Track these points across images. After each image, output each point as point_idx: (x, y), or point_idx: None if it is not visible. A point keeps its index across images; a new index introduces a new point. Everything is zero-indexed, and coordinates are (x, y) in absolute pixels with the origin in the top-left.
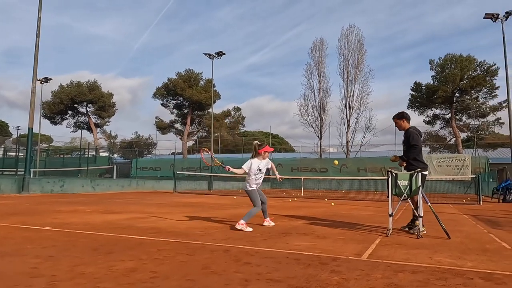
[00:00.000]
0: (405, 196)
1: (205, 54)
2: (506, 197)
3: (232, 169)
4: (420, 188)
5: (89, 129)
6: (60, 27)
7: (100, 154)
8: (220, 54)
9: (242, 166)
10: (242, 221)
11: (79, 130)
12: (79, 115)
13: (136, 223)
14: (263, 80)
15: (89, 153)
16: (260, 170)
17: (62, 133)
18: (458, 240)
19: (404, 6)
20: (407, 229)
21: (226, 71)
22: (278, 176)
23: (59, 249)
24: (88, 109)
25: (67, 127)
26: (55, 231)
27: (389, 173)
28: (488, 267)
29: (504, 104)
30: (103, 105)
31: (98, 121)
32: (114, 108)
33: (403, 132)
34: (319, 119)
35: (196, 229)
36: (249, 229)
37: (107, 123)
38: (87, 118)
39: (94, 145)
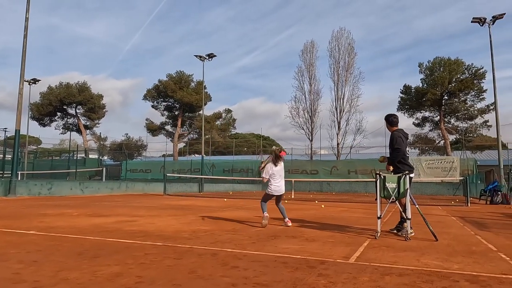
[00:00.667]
0: (393, 199)
1: (196, 56)
2: (493, 199)
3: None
4: (408, 190)
5: (79, 131)
6: (49, 28)
7: (90, 156)
8: (211, 56)
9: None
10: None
11: (68, 132)
12: (68, 116)
13: (123, 226)
14: (254, 82)
15: (79, 155)
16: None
17: (51, 135)
18: (446, 242)
19: (393, 9)
20: (395, 231)
21: (217, 73)
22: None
23: (43, 253)
24: (78, 111)
25: (56, 128)
26: (40, 235)
27: (378, 175)
28: (474, 269)
29: (491, 107)
30: (93, 107)
31: (88, 123)
32: (104, 110)
33: None
34: (310, 121)
35: (185, 232)
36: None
37: (97, 125)
38: (76, 120)
39: (84, 147)
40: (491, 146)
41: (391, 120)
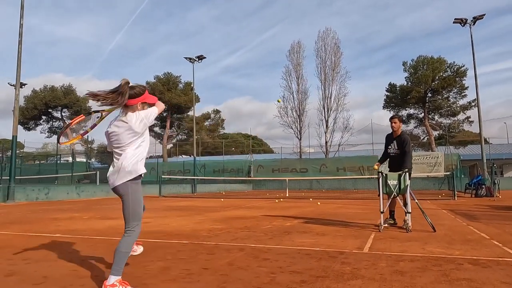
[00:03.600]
0: (395, 194)
1: (186, 58)
2: (478, 192)
3: None
4: (408, 186)
5: (65, 134)
6: (29, 29)
7: (77, 159)
8: (200, 58)
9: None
10: (113, 278)
11: (54, 136)
12: (54, 120)
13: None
14: (239, 82)
15: (65, 159)
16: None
17: (34, 139)
18: (443, 232)
19: (376, 8)
20: (386, 225)
21: (202, 72)
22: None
23: (84, 253)
24: (63, 114)
25: (41, 132)
26: (68, 238)
27: (380, 173)
28: (473, 254)
29: (473, 103)
30: (79, 110)
31: (74, 126)
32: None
33: (383, 131)
34: (298, 120)
35: (202, 231)
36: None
37: (83, 128)
38: (62, 123)
39: (71, 151)
40: (473, 141)
41: (403, 120)
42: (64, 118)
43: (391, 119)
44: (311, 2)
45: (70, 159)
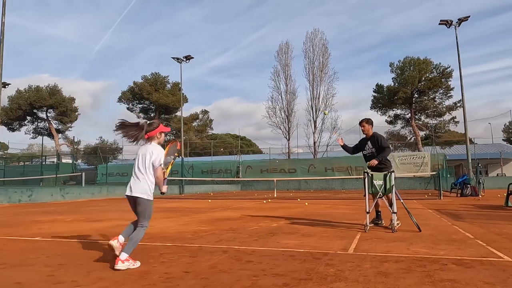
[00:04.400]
0: (380, 195)
1: (174, 58)
2: (463, 192)
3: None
4: (394, 186)
5: (50, 135)
6: (14, 28)
7: (63, 161)
8: (188, 58)
9: (161, 161)
10: (125, 255)
11: (39, 136)
12: (39, 120)
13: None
14: (228, 82)
15: (51, 160)
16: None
17: (18, 140)
18: (428, 232)
19: (364, 9)
20: (372, 224)
21: (191, 73)
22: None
23: (64, 257)
24: (49, 114)
25: (26, 133)
26: (49, 241)
27: (366, 173)
28: (457, 254)
29: (458, 104)
30: (65, 110)
31: (60, 127)
32: (76, 113)
33: (364, 135)
34: (286, 121)
35: (187, 233)
36: (138, 264)
37: (69, 129)
38: (47, 124)
39: (56, 152)
40: (459, 141)
41: (372, 122)
42: (50, 119)
43: (360, 123)
44: (299, 3)
45: (56, 160)
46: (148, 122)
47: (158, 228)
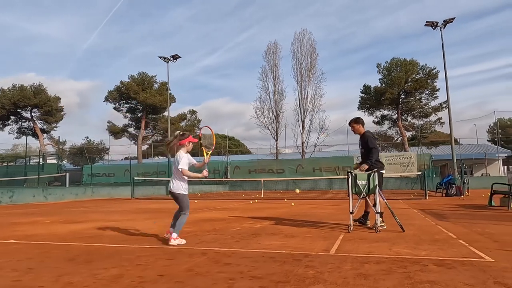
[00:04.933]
0: (364, 194)
1: (160, 57)
2: (448, 191)
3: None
4: (377, 186)
5: (35, 135)
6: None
7: (48, 161)
8: (175, 57)
9: (183, 167)
10: (175, 235)
11: (24, 137)
12: (23, 120)
13: (104, 231)
14: (217, 82)
15: (36, 161)
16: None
17: (3, 140)
18: (412, 232)
19: (352, 10)
20: (357, 222)
21: (180, 73)
22: (205, 173)
23: (35, 261)
24: (33, 114)
25: (9, 133)
26: (23, 244)
27: (349, 173)
28: (439, 254)
29: (444, 105)
30: (50, 110)
31: (45, 127)
32: (62, 113)
33: (357, 135)
34: (275, 121)
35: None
36: (184, 241)
37: (55, 129)
38: (32, 124)
39: (41, 152)
40: (445, 141)
41: (362, 121)
42: (34, 119)
43: (349, 124)
44: (288, 4)
45: (41, 160)
46: (182, 133)
47: (137, 230)
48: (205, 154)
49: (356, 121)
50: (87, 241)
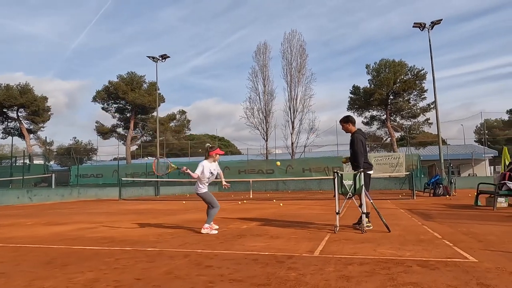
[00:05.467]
0: (350, 195)
1: (149, 57)
2: (436, 191)
3: (189, 171)
4: (363, 186)
5: (21, 135)
6: None
7: (34, 162)
8: (164, 57)
9: (196, 172)
10: (206, 225)
11: (9, 137)
12: (9, 120)
13: (86, 233)
14: (207, 83)
15: (22, 161)
16: (212, 173)
17: None
18: (397, 233)
19: (342, 12)
20: (357, 225)
21: (170, 73)
22: (224, 183)
23: (9, 265)
24: (20, 114)
25: None
26: (0, 247)
27: (335, 173)
28: (423, 255)
29: (432, 106)
30: (37, 110)
31: (31, 127)
32: (49, 113)
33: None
34: (264, 122)
35: (150, 236)
36: (215, 231)
37: (42, 129)
38: (18, 124)
39: (28, 153)
40: (433, 142)
41: (353, 120)
42: (21, 119)
43: (340, 123)
44: (278, 5)
45: (27, 161)
46: (211, 146)
47: (120, 232)
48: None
49: (346, 120)
50: (67, 244)
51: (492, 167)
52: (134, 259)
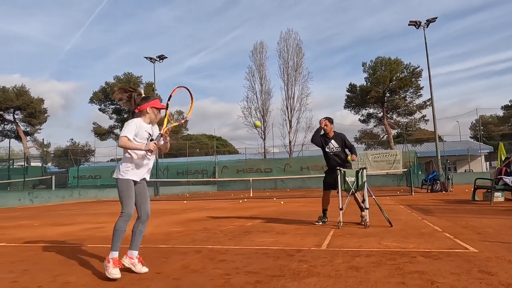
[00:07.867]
0: (353, 191)
1: (146, 57)
2: (433, 187)
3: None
4: (366, 183)
5: (18, 137)
6: None
7: (32, 164)
8: (162, 58)
9: (125, 134)
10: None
11: (6, 139)
12: (6, 122)
13: (94, 233)
14: (203, 83)
15: (20, 164)
16: (150, 135)
17: None
18: (399, 227)
19: (337, 11)
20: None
21: (165, 73)
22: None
23: (29, 263)
24: (16, 116)
25: None
26: (13, 246)
27: (338, 171)
28: (426, 247)
29: (428, 103)
30: (33, 112)
31: (28, 129)
32: (45, 115)
33: (346, 131)
34: (262, 121)
35: (159, 234)
36: (117, 275)
37: (38, 131)
38: (15, 126)
39: (24, 155)
40: (429, 139)
41: (333, 121)
42: (17, 121)
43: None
44: (273, 4)
45: (25, 163)
46: (144, 95)
47: (127, 231)
48: (165, 121)
49: (332, 121)
50: (78, 243)
51: (487, 162)
52: (148, 255)
